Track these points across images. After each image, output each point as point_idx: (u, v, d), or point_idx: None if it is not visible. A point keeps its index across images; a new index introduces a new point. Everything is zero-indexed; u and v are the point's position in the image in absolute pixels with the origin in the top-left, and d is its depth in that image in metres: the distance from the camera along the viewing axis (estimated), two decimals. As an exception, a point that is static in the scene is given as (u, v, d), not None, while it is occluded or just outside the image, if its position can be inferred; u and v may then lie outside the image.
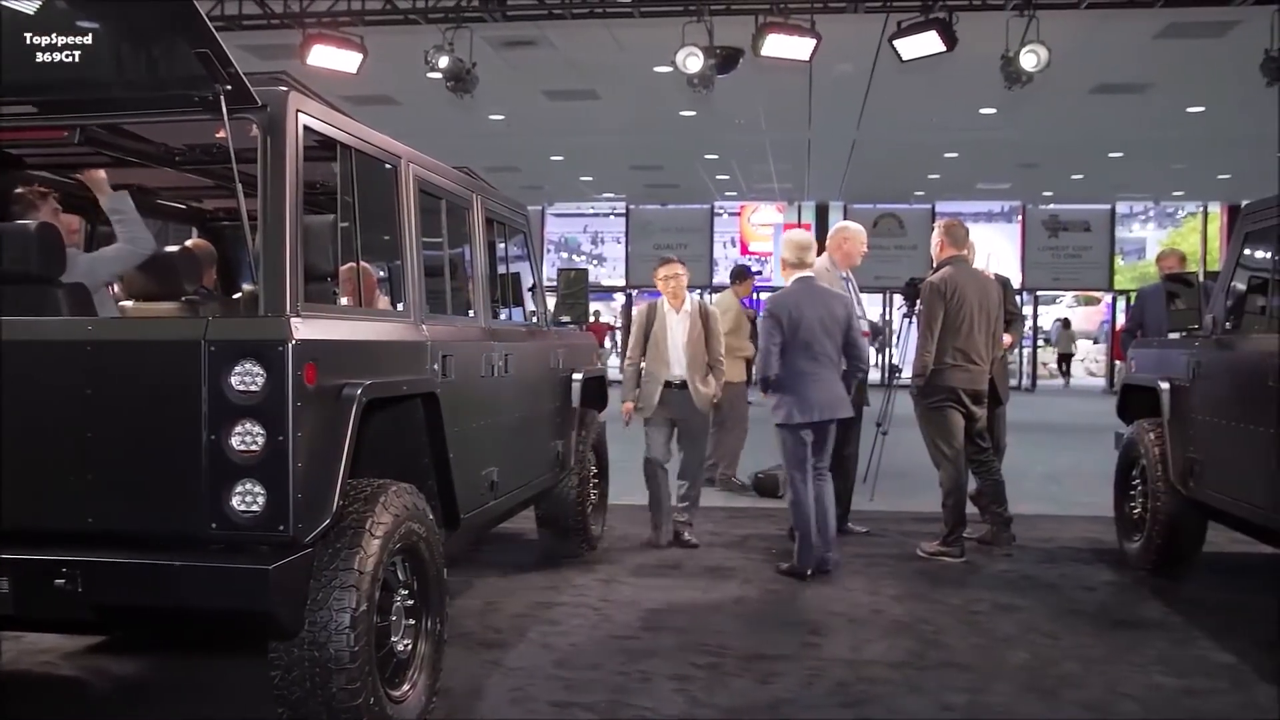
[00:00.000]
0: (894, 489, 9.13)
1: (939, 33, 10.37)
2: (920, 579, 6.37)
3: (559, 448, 6.31)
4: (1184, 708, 4.28)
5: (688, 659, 4.80)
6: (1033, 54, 10.42)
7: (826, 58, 11.45)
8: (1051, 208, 26.95)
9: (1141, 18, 11.36)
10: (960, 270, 7.00)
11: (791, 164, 21.54)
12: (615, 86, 15.14)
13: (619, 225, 28.76)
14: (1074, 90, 14.65)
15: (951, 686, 4.51)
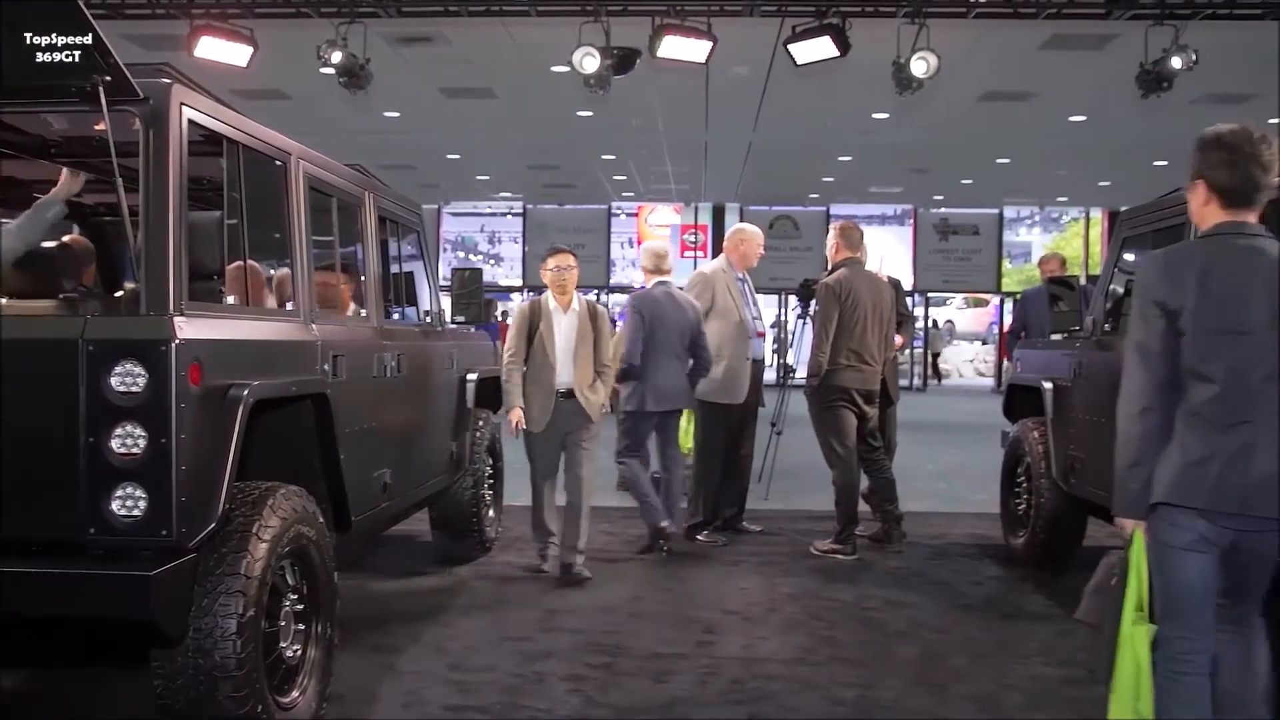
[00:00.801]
0: (788, 488, 9.25)
1: (832, 38, 10.53)
2: (813, 576, 6.46)
3: (453, 449, 6.25)
4: (1065, 698, 4.41)
5: (582, 659, 4.79)
6: (923, 61, 10.64)
7: (723, 60, 11.54)
8: (942, 211, 27.55)
9: (1027, 28, 11.67)
10: (854, 272, 7.11)
11: (688, 165, 21.67)
12: (512, 85, 15.06)
13: (516, 225, 28.61)
14: (963, 97, 15.00)
15: (843, 682, 4.58)
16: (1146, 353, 3.07)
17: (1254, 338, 2.97)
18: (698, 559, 6.90)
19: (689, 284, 7.52)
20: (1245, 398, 2.96)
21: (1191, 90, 13.08)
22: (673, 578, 6.39)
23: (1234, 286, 2.99)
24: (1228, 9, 10.88)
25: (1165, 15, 10.83)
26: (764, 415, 7.98)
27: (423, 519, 6.60)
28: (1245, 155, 3.06)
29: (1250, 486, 2.92)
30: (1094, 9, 10.97)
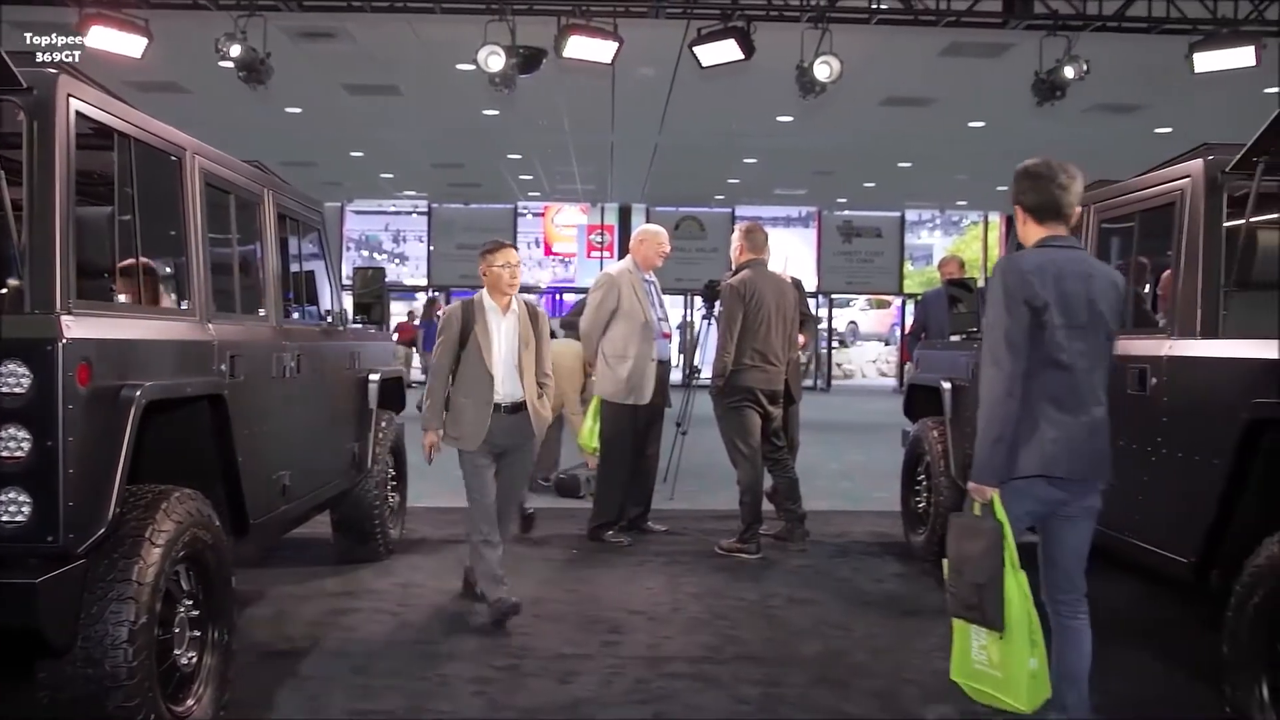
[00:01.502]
0: (693, 488, 9.29)
1: (737, 41, 10.62)
2: (718, 575, 6.50)
3: (355, 450, 6.16)
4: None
5: (487, 661, 4.76)
6: (826, 65, 10.79)
7: (629, 61, 11.57)
8: (845, 214, 27.96)
9: (927, 35, 11.91)
10: (759, 273, 7.18)
11: (595, 166, 21.69)
12: (417, 83, 14.91)
13: (421, 224, 28.33)
14: (865, 101, 15.24)
15: (747, 680, 4.61)
16: (1014, 344, 3.47)
17: (1090, 332, 3.53)
18: (603, 559, 6.89)
19: (595, 285, 7.51)
20: (1085, 385, 3.53)
21: (1084, 99, 13.50)
22: (578, 579, 6.37)
23: (1075, 287, 3.52)
24: (1117, 22, 11.23)
25: (1058, 26, 11.16)
26: (669, 415, 8.01)
27: (325, 521, 6.49)
28: (1046, 179, 3.68)
29: (1094, 458, 3.54)
30: (991, 18, 11.23)
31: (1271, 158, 3.99)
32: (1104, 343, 3.58)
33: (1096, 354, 3.55)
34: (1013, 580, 3.55)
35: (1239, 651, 3.45)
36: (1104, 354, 3.59)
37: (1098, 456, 3.56)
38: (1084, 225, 5.14)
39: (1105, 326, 3.57)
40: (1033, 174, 3.75)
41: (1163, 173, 4.58)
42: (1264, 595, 3.35)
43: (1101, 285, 3.58)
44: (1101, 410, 3.56)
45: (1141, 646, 5.15)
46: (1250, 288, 4.17)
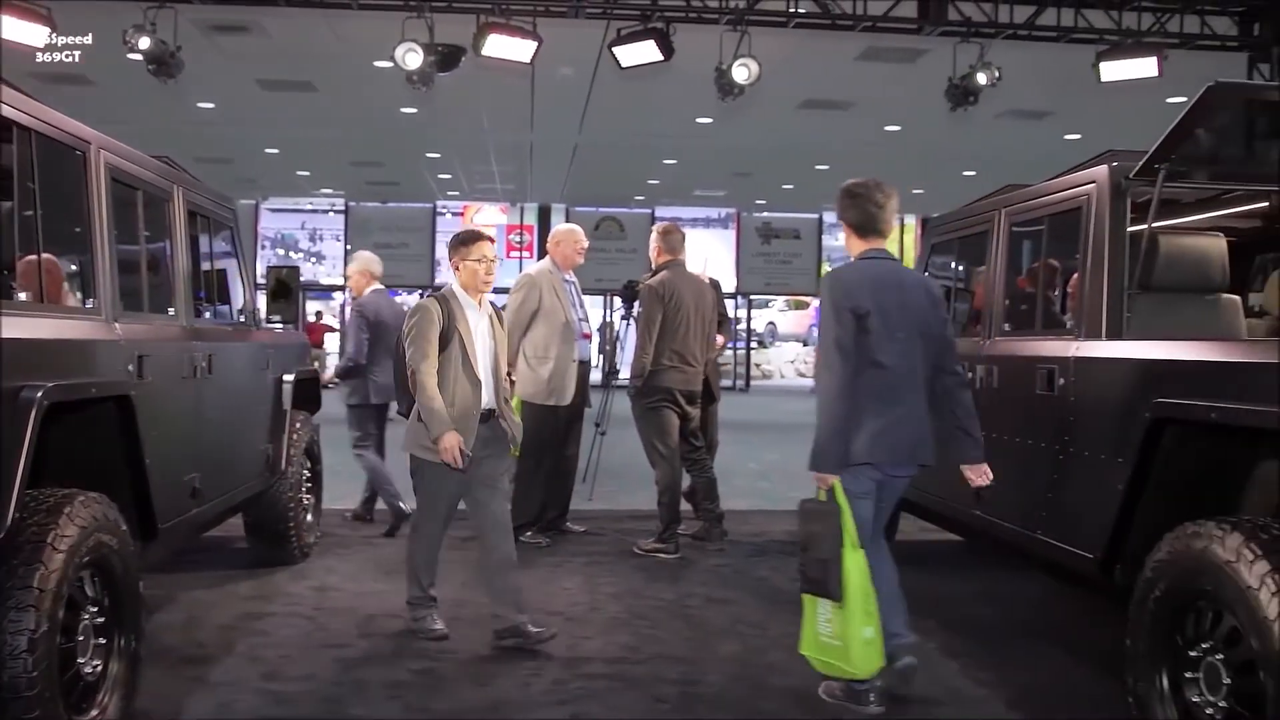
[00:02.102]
0: (612, 488, 9.30)
1: (656, 42, 10.66)
2: (637, 575, 6.51)
3: (269, 452, 6.06)
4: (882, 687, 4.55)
5: (404, 665, 4.71)
6: (744, 67, 10.87)
7: (548, 61, 11.54)
8: (764, 215, 28.20)
9: (845, 39, 12.06)
10: (677, 274, 7.20)
11: (514, 165, 21.60)
12: (333, 79, 14.72)
13: (338, 223, 27.96)
14: (784, 104, 15.39)
15: (665, 679, 4.62)
16: (844, 348, 4.02)
17: (904, 335, 4.11)
18: (522, 560, 6.80)
19: (515, 286, 7.48)
20: (903, 382, 4.11)
21: (996, 105, 13.78)
22: (496, 580, 6.33)
23: (890, 296, 4.10)
24: (1027, 31, 11.49)
25: (971, 33, 11.39)
26: (588, 415, 8.00)
27: (238, 524, 6.38)
28: (864, 198, 4.21)
29: (910, 445, 4.15)
30: (906, 24, 11.41)
31: (1172, 165, 4.11)
32: (919, 343, 4.16)
33: (912, 354, 4.15)
34: (851, 558, 4.05)
35: (1141, 644, 3.55)
36: (920, 353, 4.17)
37: (914, 443, 4.17)
38: (995, 229, 5.24)
39: (919, 329, 4.15)
40: (853, 193, 4.26)
41: (1070, 178, 4.68)
42: (1164, 589, 3.44)
43: (914, 294, 4.18)
44: (917, 401, 4.15)
45: (1050, 641, 5.27)
46: (1153, 290, 4.29)
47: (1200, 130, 4.03)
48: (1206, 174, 4.40)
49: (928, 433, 4.19)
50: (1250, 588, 3.05)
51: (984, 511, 5.08)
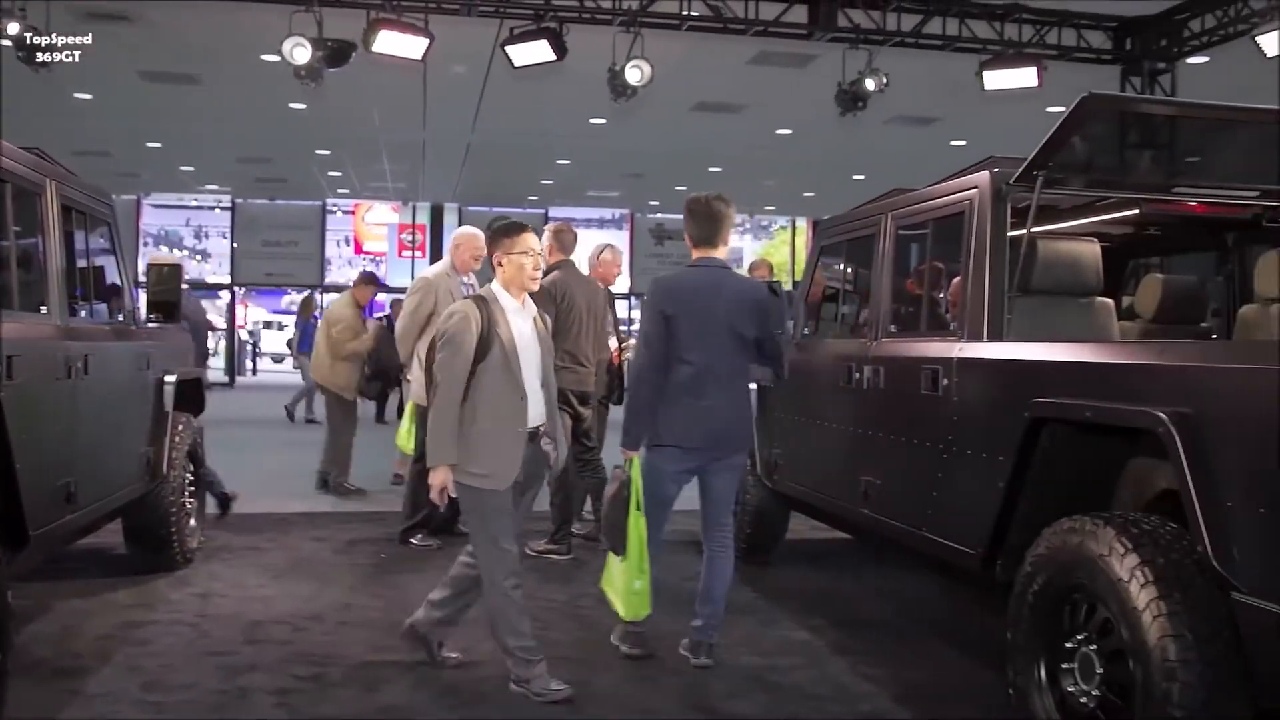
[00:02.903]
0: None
1: (550, 42, 10.63)
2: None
3: (150, 454, 5.89)
4: (766, 683, 4.61)
5: (290, 671, 4.61)
6: (637, 69, 10.91)
7: (441, 58, 11.43)
8: (658, 217, 28.33)
9: (737, 43, 12.17)
10: (569, 274, 7.17)
11: (406, 164, 21.34)
12: (219, 72, 14.36)
13: (224, 219, 27.32)
14: (677, 106, 15.48)
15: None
16: (650, 344, 4.62)
17: (714, 338, 4.59)
18: (413, 564, 6.78)
19: (411, 288, 7.39)
20: (709, 378, 4.60)
21: (885, 111, 14.06)
22: (386, 583, 6.25)
23: (704, 302, 4.60)
24: (914, 38, 11.75)
25: (860, 40, 11.60)
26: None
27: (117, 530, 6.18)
28: (698, 213, 4.72)
29: (713, 433, 4.65)
30: (797, 29, 11.57)
31: (1050, 172, 4.23)
32: (731, 345, 4.62)
33: (721, 354, 4.61)
34: (634, 520, 4.72)
35: (1020, 637, 3.65)
36: (734, 354, 4.66)
37: (717, 432, 4.66)
38: (881, 231, 5.34)
39: (731, 332, 4.61)
40: (690, 208, 4.76)
41: (953, 183, 4.79)
42: (1042, 583, 3.55)
43: (730, 300, 4.61)
44: (724, 396, 4.63)
45: (937, 637, 5.39)
46: (1032, 293, 4.41)
47: (1075, 139, 4.16)
48: (1081, 181, 4.55)
49: (736, 423, 4.73)
50: (1121, 580, 3.16)
51: (872, 510, 5.17)
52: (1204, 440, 3.05)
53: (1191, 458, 3.04)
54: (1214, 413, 3.06)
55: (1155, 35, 12.33)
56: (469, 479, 4.31)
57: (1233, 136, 4.60)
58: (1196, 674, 2.98)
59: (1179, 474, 3.07)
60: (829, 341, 5.95)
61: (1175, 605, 3.04)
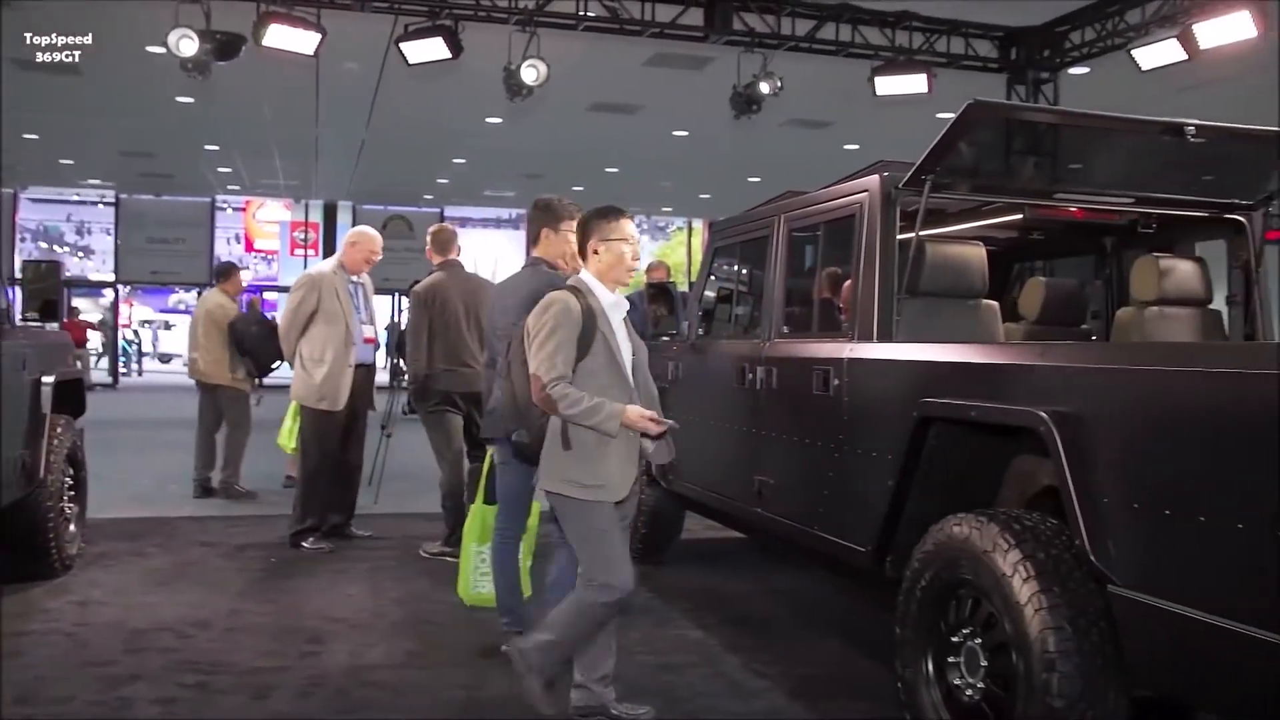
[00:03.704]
0: (399, 491, 9.13)
1: (445, 39, 10.54)
2: (423, 580, 6.41)
3: (26, 458, 5.68)
4: (661, 682, 4.62)
5: (174, 680, 4.49)
6: (533, 68, 10.87)
7: (334, 54, 11.26)
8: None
9: (633, 44, 12.20)
10: (450, 275, 7.02)
11: (299, 160, 20.95)
12: (101, 63, 13.88)
13: (108, 215, 26.47)
14: (573, 106, 15.46)
15: (452, 684, 4.57)
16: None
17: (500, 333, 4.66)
18: (304, 567, 6.66)
19: (295, 285, 7.25)
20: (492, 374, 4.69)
21: (780, 114, 14.24)
22: (276, 588, 6.13)
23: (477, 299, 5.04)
24: (808, 43, 11.92)
25: (755, 43, 11.73)
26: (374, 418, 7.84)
27: None
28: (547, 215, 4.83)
29: (492, 420, 4.63)
30: (693, 32, 11.65)
31: (937, 176, 4.32)
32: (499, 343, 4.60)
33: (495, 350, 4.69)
34: (475, 509, 5.22)
35: (908, 632, 3.72)
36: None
37: (492, 419, 4.65)
38: (775, 233, 5.40)
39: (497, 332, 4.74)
40: (543, 206, 4.87)
41: (844, 186, 4.86)
42: (929, 579, 3.62)
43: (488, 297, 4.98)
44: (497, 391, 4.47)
45: (829, 633, 5.48)
46: (920, 295, 4.50)
47: (962, 145, 4.25)
48: (968, 186, 4.66)
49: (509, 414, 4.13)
50: (1005, 575, 3.24)
51: (765, 509, 5.22)
52: (1082, 438, 3.15)
53: (1070, 455, 3.14)
54: (1091, 412, 3.16)
55: (1039, 46, 12.70)
56: (578, 491, 3.84)
57: (1111, 145, 4.75)
58: (1074, 664, 3.07)
59: (1058, 471, 3.16)
60: (723, 342, 6.00)
61: (1055, 599, 3.13)
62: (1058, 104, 12.49)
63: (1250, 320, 5.08)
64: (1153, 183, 4.84)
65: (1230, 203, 4.98)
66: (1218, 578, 2.77)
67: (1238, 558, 2.70)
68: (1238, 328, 5.12)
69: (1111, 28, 11.70)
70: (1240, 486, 2.71)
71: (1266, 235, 5.11)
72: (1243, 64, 11.11)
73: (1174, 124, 4.23)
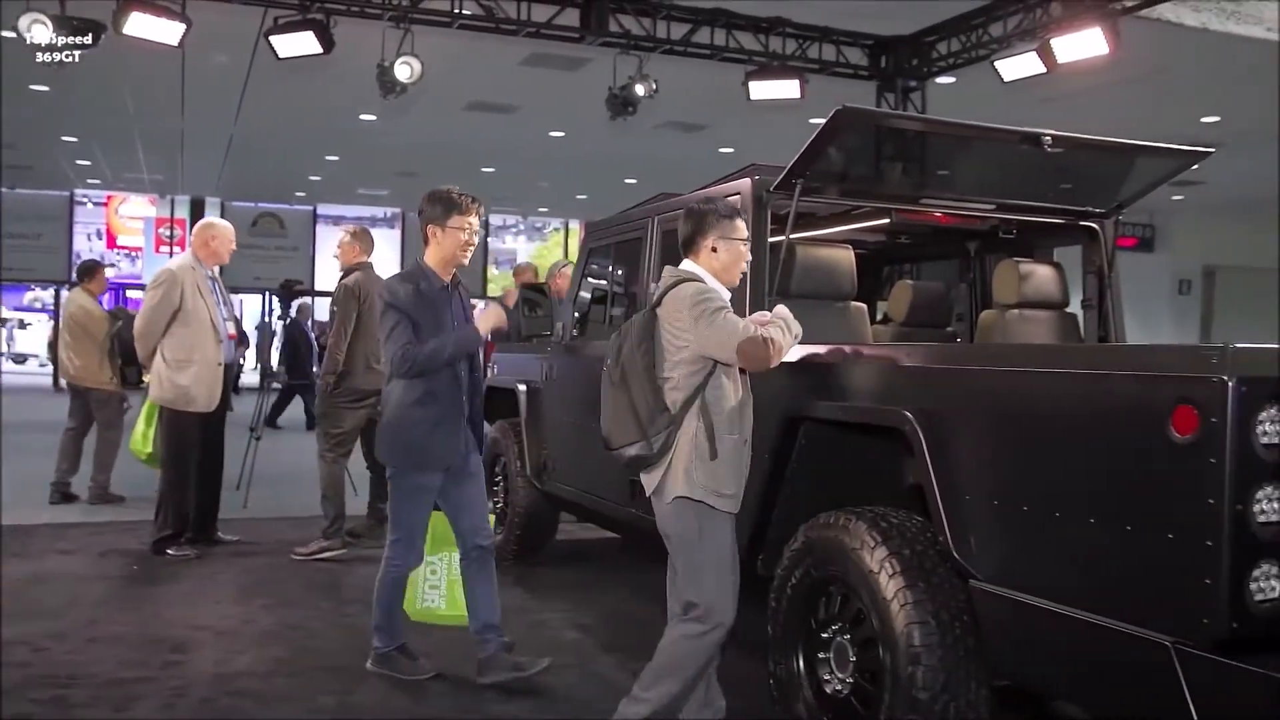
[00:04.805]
0: (268, 494, 8.92)
1: (316, 34, 10.31)
2: (294, 584, 6.28)
3: None
4: (536, 685, 4.59)
5: (28, 694, 4.31)
6: (407, 65, 10.73)
7: (201, 46, 10.94)
8: (430, 216, 27.85)
9: (509, 44, 12.12)
10: (369, 275, 7.14)
11: (164, 155, 20.28)
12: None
13: (-43, 209, 25.25)
14: (449, 105, 15.30)
15: (323, 690, 4.49)
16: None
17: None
18: (168, 574, 6.47)
19: (152, 281, 7.03)
20: None
21: (656, 116, 14.32)
22: (139, 597, 5.94)
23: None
24: (683, 46, 12.02)
25: (631, 45, 11.77)
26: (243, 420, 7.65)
27: None
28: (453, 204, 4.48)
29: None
30: (569, 32, 11.63)
31: (807, 180, 4.41)
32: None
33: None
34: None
35: (780, 629, 3.78)
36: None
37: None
38: (648, 235, 5.43)
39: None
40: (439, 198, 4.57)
41: (716, 189, 4.91)
42: (800, 576, 3.69)
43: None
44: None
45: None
46: (790, 297, 4.57)
47: (831, 150, 4.34)
48: (837, 190, 4.75)
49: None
50: (872, 571, 3.32)
51: (639, 509, 5.25)
52: (944, 437, 3.24)
53: (933, 454, 3.23)
54: (954, 411, 3.26)
55: (908, 55, 13.02)
56: (720, 502, 3.66)
57: (974, 153, 4.91)
58: (938, 657, 3.17)
59: (923, 470, 3.25)
60: (596, 343, 6.01)
61: (920, 594, 3.23)
62: (925, 112, 12.83)
63: (1104, 323, 5.30)
64: (1013, 190, 5.01)
65: (1085, 210, 5.18)
66: (1071, 571, 2.88)
67: (1090, 551, 2.82)
68: (1092, 330, 5.33)
69: (976, 39, 12.06)
70: (1093, 482, 2.83)
71: (1118, 242, 5.34)
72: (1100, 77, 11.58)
73: (1032, 134, 4.39)
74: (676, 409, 3.62)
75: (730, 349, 3.56)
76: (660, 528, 3.83)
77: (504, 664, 4.56)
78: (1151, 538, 2.64)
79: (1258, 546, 2.51)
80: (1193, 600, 2.54)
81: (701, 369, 3.63)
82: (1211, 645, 2.51)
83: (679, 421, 3.62)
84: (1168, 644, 2.57)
